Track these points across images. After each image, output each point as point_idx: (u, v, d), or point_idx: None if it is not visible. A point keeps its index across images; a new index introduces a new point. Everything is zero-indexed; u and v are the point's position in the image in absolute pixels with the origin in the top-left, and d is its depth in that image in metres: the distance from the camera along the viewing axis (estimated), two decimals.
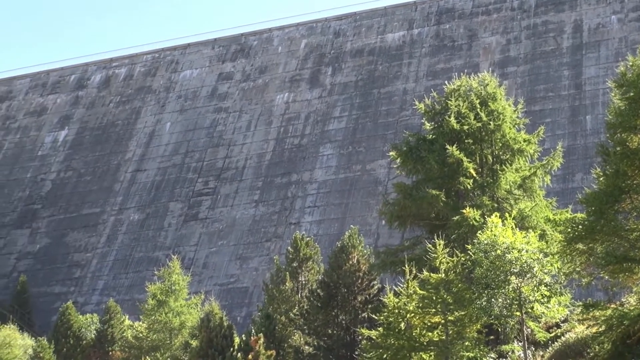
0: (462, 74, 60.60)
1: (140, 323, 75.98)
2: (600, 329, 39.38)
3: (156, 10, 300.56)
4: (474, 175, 51.24)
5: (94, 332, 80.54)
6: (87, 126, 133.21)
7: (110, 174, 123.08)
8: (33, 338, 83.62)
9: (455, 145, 51.09)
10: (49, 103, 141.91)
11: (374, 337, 43.50)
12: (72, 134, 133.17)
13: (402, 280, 44.47)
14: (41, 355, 68.43)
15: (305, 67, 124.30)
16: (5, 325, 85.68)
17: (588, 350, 42.69)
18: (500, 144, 53.52)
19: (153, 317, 71.80)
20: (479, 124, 52.47)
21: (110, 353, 77.30)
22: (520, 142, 53.71)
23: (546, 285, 41.78)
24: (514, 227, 43.32)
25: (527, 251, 41.70)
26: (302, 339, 54.47)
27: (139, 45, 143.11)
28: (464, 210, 48.69)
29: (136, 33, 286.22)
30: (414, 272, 43.51)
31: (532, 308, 41.68)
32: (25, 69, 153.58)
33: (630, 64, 39.21)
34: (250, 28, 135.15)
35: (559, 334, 48.44)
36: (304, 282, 59.03)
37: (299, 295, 58.15)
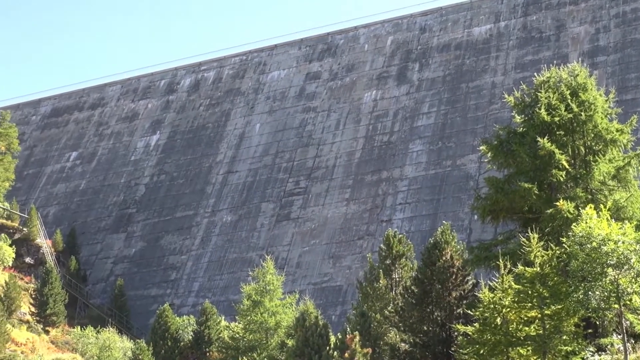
0: (551, 65, 59.88)
1: (236, 323, 76.68)
2: None
3: (243, 13, 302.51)
4: (567, 167, 50.56)
5: (191, 333, 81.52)
6: (178, 130, 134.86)
7: (202, 176, 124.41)
8: (132, 340, 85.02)
9: (546, 137, 50.49)
10: (140, 108, 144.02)
11: (470, 333, 43.29)
12: (164, 138, 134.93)
13: (497, 275, 44.16)
14: (140, 357, 69.47)
15: (392, 63, 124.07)
16: (105, 329, 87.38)
17: None
18: (593, 135, 52.69)
19: (249, 318, 72.38)
20: (570, 115, 51.74)
21: (208, 354, 78.23)
22: (613, 132, 52.80)
23: None
24: (609, 218, 42.67)
25: (623, 242, 41.03)
26: (397, 337, 54.31)
27: (226, 48, 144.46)
28: (558, 203, 48.11)
29: (224, 36, 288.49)
30: (509, 266, 43.20)
31: (630, 300, 41.01)
32: (116, 75, 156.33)
33: None
34: (336, 27, 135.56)
35: None
36: (397, 279, 58.86)
37: (393, 292, 58.00)
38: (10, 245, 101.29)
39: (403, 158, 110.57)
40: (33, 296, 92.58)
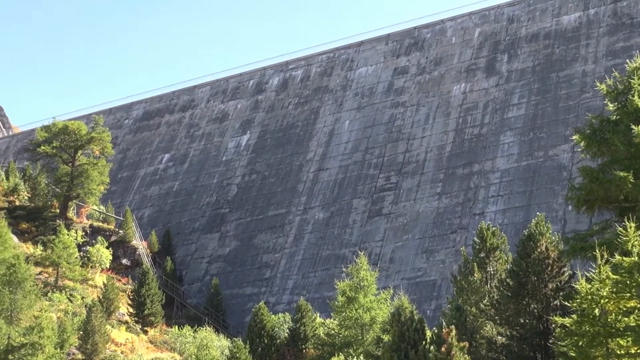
0: None
1: (332, 320, 76.87)
2: None
3: (329, 11, 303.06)
4: None
5: (287, 331, 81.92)
6: (267, 129, 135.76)
7: (293, 174, 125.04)
8: (228, 339, 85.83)
9: None
10: (230, 109, 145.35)
11: (568, 325, 42.75)
12: (254, 137, 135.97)
13: (593, 266, 43.52)
14: (237, 355, 70.02)
15: (481, 55, 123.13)
16: (202, 328, 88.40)
17: None
18: None
19: (344, 314, 72.49)
20: None
21: (304, 351, 78.52)
22: None
23: None
24: None
25: None
26: (494, 330, 53.90)
27: (314, 47, 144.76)
28: None
29: (311, 35, 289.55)
30: (606, 256, 42.56)
31: None
32: (205, 77, 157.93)
33: None
34: (422, 21, 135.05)
35: None
36: (492, 272, 58.37)
37: (488, 285, 57.55)
38: (107, 248, 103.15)
39: (494, 150, 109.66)
40: (131, 297, 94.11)
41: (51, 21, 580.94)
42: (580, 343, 41.33)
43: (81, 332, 74.44)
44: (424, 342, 50.67)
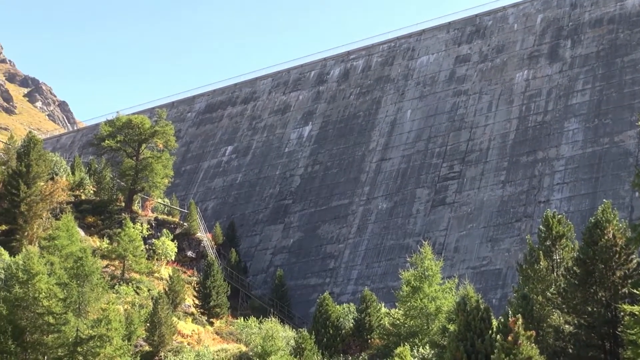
0: None
1: (397, 310, 76.80)
2: None
3: (390, 1, 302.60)
4: None
5: (352, 321, 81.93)
6: (329, 120, 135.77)
7: (355, 165, 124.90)
8: (294, 330, 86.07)
9: None
10: (291, 100, 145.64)
11: (637, 313, 42.25)
12: (316, 128, 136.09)
13: None
14: (303, 346, 70.18)
15: (543, 42, 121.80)
16: (267, 319, 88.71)
17: None
18: None
19: (409, 304, 72.40)
20: None
21: (369, 341, 78.53)
22: None
23: None
24: None
25: None
26: (561, 318, 53.39)
27: (374, 36, 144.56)
28: None
29: (371, 25, 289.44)
30: None
31: None
32: (267, 69, 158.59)
33: None
34: (484, 8, 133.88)
35: None
36: (558, 260, 57.78)
37: (555, 273, 56.99)
38: (172, 240, 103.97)
39: (558, 137, 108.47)
40: (196, 289, 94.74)
41: (113, 18, 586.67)
42: None
43: (148, 324, 75.17)
44: (490, 332, 50.34)
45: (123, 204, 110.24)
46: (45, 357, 63.25)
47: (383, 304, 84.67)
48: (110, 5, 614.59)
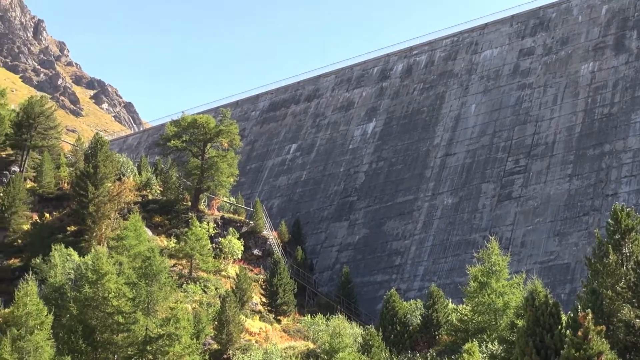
0: None
1: (464, 306, 76.40)
2: None
3: None
4: None
5: (419, 317, 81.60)
6: (393, 116, 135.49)
7: (420, 160, 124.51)
8: (361, 326, 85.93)
9: None
10: (355, 97, 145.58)
11: None
12: (380, 125, 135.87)
13: None
14: (370, 343, 70.09)
15: (609, 33, 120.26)
16: (334, 316, 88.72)
17: None
18: None
19: (476, 299, 71.96)
20: None
21: (437, 337, 78.16)
22: None
23: None
24: None
25: None
26: (631, 313, 52.72)
27: (437, 31, 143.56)
28: None
29: (434, 19, 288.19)
30: None
31: None
32: (330, 66, 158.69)
33: None
34: (547, 0, 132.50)
35: None
36: (628, 254, 57.03)
37: (624, 267, 56.28)
38: (239, 239, 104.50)
39: (626, 129, 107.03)
40: (263, 287, 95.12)
41: (177, 18, 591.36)
42: None
43: (216, 323, 75.64)
44: (559, 327, 49.85)
45: (189, 204, 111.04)
46: (115, 356, 64.04)
47: (450, 300, 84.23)
48: (173, 6, 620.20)
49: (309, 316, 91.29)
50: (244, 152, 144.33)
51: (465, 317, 74.30)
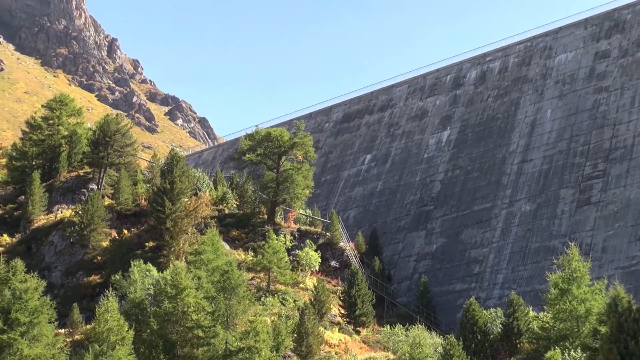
0: None
1: (545, 313, 75.58)
2: None
3: (524, 1, 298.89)
4: None
5: (500, 326, 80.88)
6: (468, 123, 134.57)
7: (496, 167, 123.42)
8: (441, 336, 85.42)
9: None
10: (428, 105, 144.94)
11: None
12: (455, 133, 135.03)
13: None
14: (451, 352, 69.49)
15: None
16: (414, 326, 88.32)
17: None
18: None
19: (558, 307, 71.14)
20: None
21: (518, 345, 77.41)
22: None
23: None
24: None
25: None
26: None
27: (509, 37, 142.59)
28: None
29: (506, 25, 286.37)
30: None
31: None
32: (402, 75, 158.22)
33: None
34: (622, 2, 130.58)
35: None
36: None
37: None
38: (316, 251, 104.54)
39: None
40: (341, 298, 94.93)
41: (247, 33, 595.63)
42: None
43: (295, 335, 75.64)
44: None
45: (265, 217, 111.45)
46: None
47: (531, 308, 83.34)
48: (243, 22, 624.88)
49: (389, 327, 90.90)
50: (318, 164, 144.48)
51: (547, 325, 73.54)
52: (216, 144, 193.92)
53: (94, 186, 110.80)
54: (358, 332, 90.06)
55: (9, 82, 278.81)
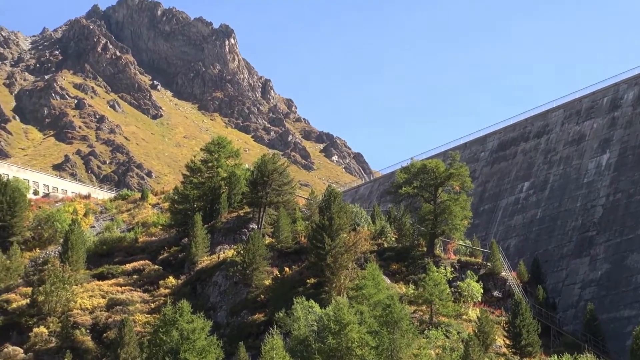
0: None
1: None
2: None
3: None
4: None
5: None
6: (627, 146, 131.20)
7: None
8: None
9: None
10: (585, 129, 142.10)
11: None
12: (614, 156, 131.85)
13: None
14: None
15: None
16: (582, 355, 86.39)
17: None
18: None
19: None
20: None
21: None
22: None
23: None
24: None
25: None
26: None
27: None
28: None
29: None
30: None
31: None
32: (556, 100, 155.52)
33: None
34: None
35: None
36: None
37: None
38: (477, 281, 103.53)
39: None
40: (506, 329, 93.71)
41: (398, 69, 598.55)
42: None
43: None
44: None
45: (425, 249, 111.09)
46: None
47: None
48: (391, 56, 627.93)
49: (556, 356, 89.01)
50: (475, 194, 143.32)
51: None
52: (372, 178, 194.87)
53: (254, 225, 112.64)
54: None
55: (168, 127, 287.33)
